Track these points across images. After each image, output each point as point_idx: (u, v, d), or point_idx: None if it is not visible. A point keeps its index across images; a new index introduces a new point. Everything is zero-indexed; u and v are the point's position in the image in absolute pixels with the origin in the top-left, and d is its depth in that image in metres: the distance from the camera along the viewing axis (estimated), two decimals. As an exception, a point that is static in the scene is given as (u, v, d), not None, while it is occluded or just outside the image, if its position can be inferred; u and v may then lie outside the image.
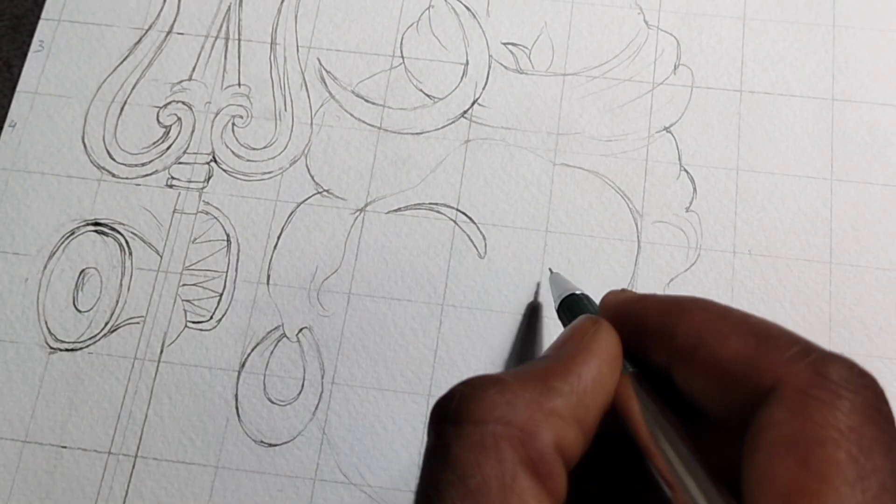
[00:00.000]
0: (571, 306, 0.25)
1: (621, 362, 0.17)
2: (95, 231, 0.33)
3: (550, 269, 0.31)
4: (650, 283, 0.32)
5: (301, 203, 0.33)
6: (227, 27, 0.36)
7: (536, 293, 0.31)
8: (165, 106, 0.35)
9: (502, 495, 0.14)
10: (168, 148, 0.34)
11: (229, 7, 0.36)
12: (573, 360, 0.16)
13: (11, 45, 0.35)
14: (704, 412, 0.16)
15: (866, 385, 0.14)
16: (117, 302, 0.32)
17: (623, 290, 0.20)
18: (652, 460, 0.15)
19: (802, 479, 0.13)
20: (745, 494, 0.14)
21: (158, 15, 0.36)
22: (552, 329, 0.31)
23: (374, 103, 0.34)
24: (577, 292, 0.25)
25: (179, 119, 0.35)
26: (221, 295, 0.32)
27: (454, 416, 0.15)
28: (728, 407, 0.15)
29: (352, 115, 0.34)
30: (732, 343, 0.15)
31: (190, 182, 0.34)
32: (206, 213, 0.33)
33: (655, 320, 0.17)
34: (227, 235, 0.33)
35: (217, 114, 0.35)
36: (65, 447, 0.30)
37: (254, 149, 0.34)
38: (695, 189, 0.33)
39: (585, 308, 0.24)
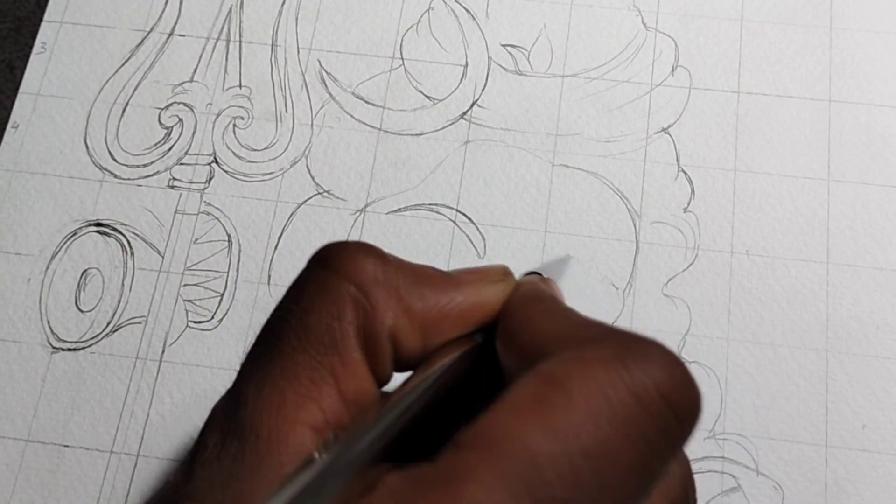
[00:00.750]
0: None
1: (492, 318, 0.17)
2: (97, 231, 0.33)
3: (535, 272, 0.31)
4: (648, 283, 0.32)
5: (302, 204, 0.33)
6: (229, 29, 0.36)
7: None
8: (167, 107, 0.35)
9: (326, 342, 0.14)
10: (170, 149, 0.34)
11: (230, 9, 0.37)
12: (456, 286, 0.17)
13: (14, 46, 0.36)
14: None
15: (659, 369, 0.13)
16: (119, 302, 0.32)
17: (533, 280, 0.20)
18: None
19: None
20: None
21: (160, 17, 0.36)
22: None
23: (374, 105, 0.35)
24: (539, 272, 0.25)
25: (181, 120, 0.35)
26: (223, 295, 0.32)
27: (326, 262, 0.15)
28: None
29: (352, 116, 0.35)
30: (544, 324, 0.16)
31: (191, 183, 0.34)
32: (208, 213, 0.33)
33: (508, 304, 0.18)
34: (229, 236, 0.33)
35: (218, 115, 0.35)
36: (67, 446, 0.31)
37: (255, 150, 0.34)
38: (693, 190, 0.33)
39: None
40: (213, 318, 0.32)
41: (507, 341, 0.16)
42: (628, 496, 0.12)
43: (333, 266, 0.15)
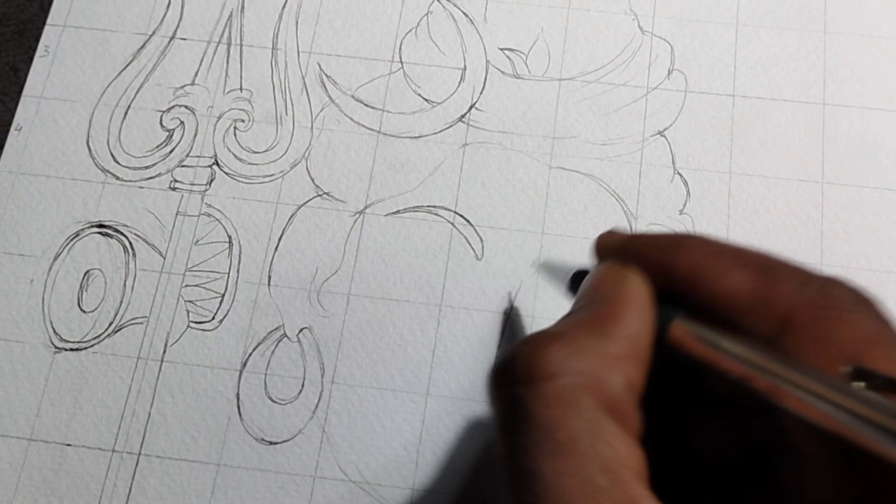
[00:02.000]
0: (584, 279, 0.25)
1: (654, 299, 0.17)
2: (100, 233, 0.34)
3: (536, 264, 0.31)
4: (644, 285, 0.32)
5: (301, 205, 0.34)
6: (230, 33, 0.37)
7: (513, 298, 0.32)
8: (168, 110, 0.35)
9: (592, 444, 0.14)
10: (171, 151, 0.35)
11: (231, 13, 0.37)
12: (618, 304, 0.16)
13: (18, 49, 0.36)
14: None
15: (867, 299, 0.15)
16: (121, 302, 0.33)
17: (611, 232, 0.20)
18: (754, 383, 0.15)
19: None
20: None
21: (162, 20, 0.37)
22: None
23: (373, 107, 0.35)
24: (585, 268, 0.25)
25: (182, 123, 0.35)
26: (223, 296, 0.33)
27: (524, 376, 0.15)
28: None
29: (351, 119, 0.35)
30: (734, 277, 0.15)
31: (192, 185, 0.34)
32: (209, 215, 0.34)
33: (652, 258, 0.17)
34: (229, 237, 0.33)
35: (219, 118, 0.35)
36: (69, 445, 0.31)
37: (255, 152, 0.35)
38: (688, 192, 0.33)
39: None
40: (213, 318, 0.32)
41: (757, 312, 0.15)
42: None
43: (535, 376, 0.15)
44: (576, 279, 0.25)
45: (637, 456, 0.14)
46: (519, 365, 0.15)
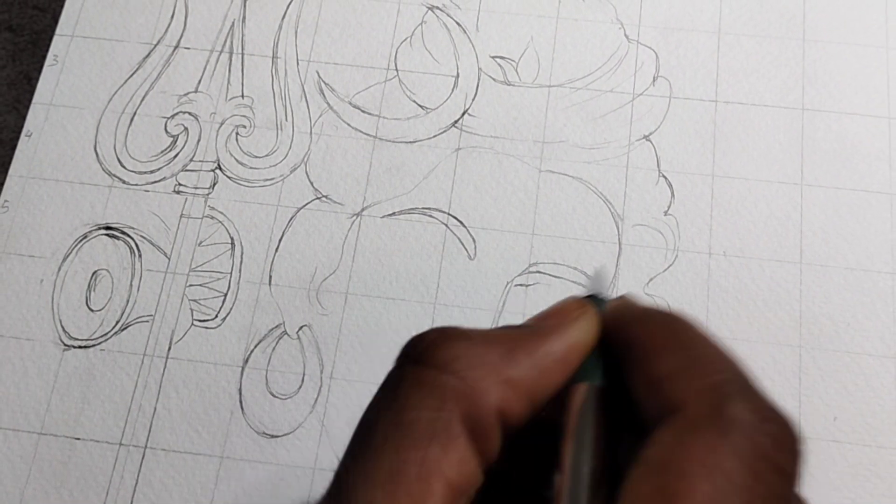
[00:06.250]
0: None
1: (591, 352, 0.17)
2: (107, 235, 0.35)
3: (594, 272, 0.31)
4: (630, 283, 0.33)
5: (301, 208, 0.35)
6: (231, 42, 0.38)
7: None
8: (173, 116, 0.36)
9: (429, 436, 0.14)
10: (175, 156, 0.36)
11: (233, 23, 0.38)
12: (545, 337, 0.16)
13: (31, 58, 0.37)
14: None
15: (767, 432, 0.14)
16: (127, 302, 0.34)
17: (623, 298, 0.19)
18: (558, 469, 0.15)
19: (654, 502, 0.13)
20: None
21: (166, 30, 0.38)
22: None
23: (369, 114, 0.36)
24: (599, 295, 0.25)
25: (186, 129, 0.36)
26: (226, 295, 0.34)
27: (416, 357, 0.15)
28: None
29: (349, 124, 0.36)
30: (666, 359, 0.15)
31: (196, 188, 0.35)
32: (212, 217, 0.35)
33: (624, 332, 0.17)
34: (232, 239, 0.35)
35: (221, 124, 0.36)
36: (78, 439, 0.32)
37: (256, 157, 0.36)
38: (673, 194, 0.35)
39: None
40: (216, 316, 0.33)
41: (636, 378, 0.16)
42: None
43: (424, 360, 0.15)
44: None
45: (465, 475, 0.14)
46: (418, 345, 0.16)
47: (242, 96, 0.36)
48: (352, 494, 0.14)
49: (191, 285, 0.34)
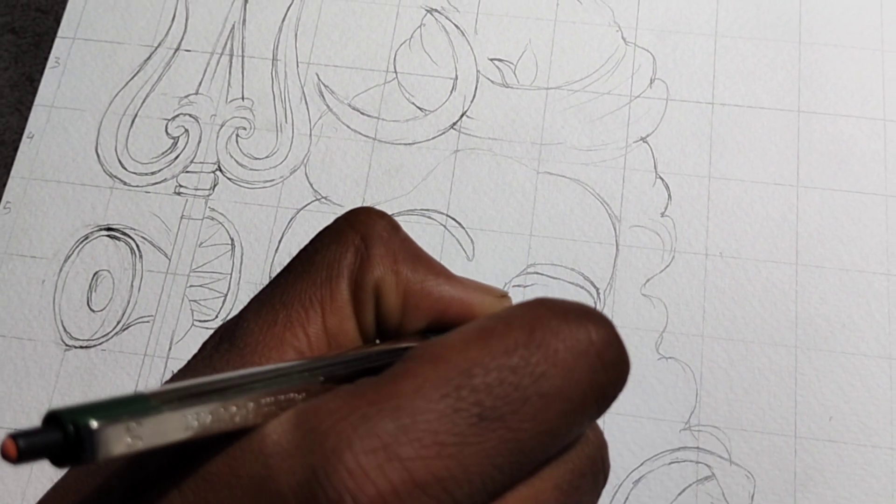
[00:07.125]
0: None
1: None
2: (108, 236, 0.35)
3: None
4: (628, 284, 0.34)
5: (301, 209, 0.35)
6: (232, 44, 0.38)
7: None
8: (173, 118, 0.37)
9: (324, 275, 0.16)
10: (176, 158, 0.36)
11: (233, 26, 0.38)
12: (449, 279, 0.17)
13: (34, 60, 0.38)
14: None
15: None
16: (128, 302, 0.34)
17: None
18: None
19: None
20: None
21: (167, 33, 0.38)
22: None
23: (369, 116, 0.37)
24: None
25: (187, 131, 0.37)
26: (226, 295, 0.34)
27: (346, 217, 0.17)
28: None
29: (348, 126, 0.36)
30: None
31: (196, 190, 0.36)
32: (212, 218, 0.35)
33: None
34: (232, 240, 0.35)
35: (222, 126, 0.37)
36: (79, 438, 0.32)
37: (256, 158, 0.36)
38: (669, 195, 0.35)
39: None
40: (217, 317, 0.34)
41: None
42: (545, 422, 0.13)
43: (349, 220, 0.17)
44: None
45: (343, 318, 0.16)
46: (361, 213, 0.17)
47: (243, 98, 0.37)
48: (246, 308, 0.16)
49: (191, 286, 0.34)
